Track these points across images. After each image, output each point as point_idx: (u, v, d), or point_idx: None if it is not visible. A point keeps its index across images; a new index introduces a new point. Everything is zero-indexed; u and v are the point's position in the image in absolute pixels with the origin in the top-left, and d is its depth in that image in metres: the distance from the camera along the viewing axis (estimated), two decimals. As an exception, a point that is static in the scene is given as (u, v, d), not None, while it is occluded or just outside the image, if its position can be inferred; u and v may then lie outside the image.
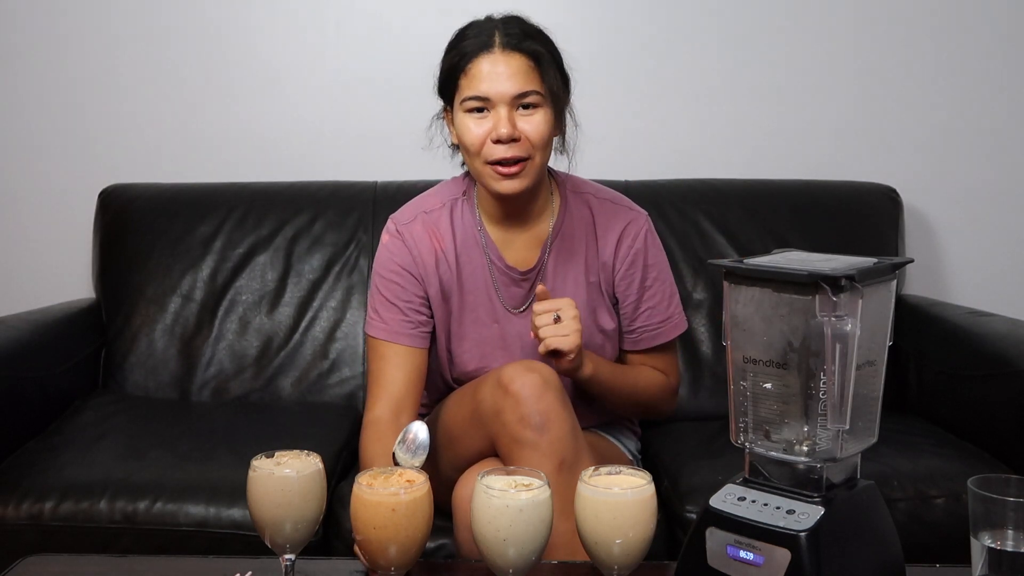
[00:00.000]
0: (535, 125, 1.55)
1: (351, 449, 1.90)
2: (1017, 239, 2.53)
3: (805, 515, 1.07)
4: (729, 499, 1.13)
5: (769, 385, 1.11)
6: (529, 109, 1.55)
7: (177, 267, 2.30)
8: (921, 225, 2.52)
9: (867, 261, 1.10)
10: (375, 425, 1.57)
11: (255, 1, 2.50)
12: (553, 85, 1.57)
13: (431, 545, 1.63)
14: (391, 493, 1.10)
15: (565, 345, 1.53)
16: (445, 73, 1.60)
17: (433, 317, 1.69)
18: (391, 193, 2.31)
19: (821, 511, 1.07)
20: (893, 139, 2.51)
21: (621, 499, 1.10)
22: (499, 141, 1.54)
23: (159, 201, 2.37)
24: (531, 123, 1.55)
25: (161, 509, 1.69)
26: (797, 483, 1.11)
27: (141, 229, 2.33)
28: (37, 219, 2.56)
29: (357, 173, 2.43)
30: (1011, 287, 2.52)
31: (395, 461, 1.27)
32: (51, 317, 2.20)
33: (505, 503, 1.08)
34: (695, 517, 1.18)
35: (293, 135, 2.53)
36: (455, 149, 1.67)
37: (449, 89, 1.60)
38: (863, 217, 2.34)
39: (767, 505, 1.10)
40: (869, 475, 1.16)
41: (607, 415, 1.79)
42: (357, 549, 1.24)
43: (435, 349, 1.72)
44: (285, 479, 1.13)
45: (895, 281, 1.14)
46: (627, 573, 1.13)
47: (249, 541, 1.58)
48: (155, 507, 1.69)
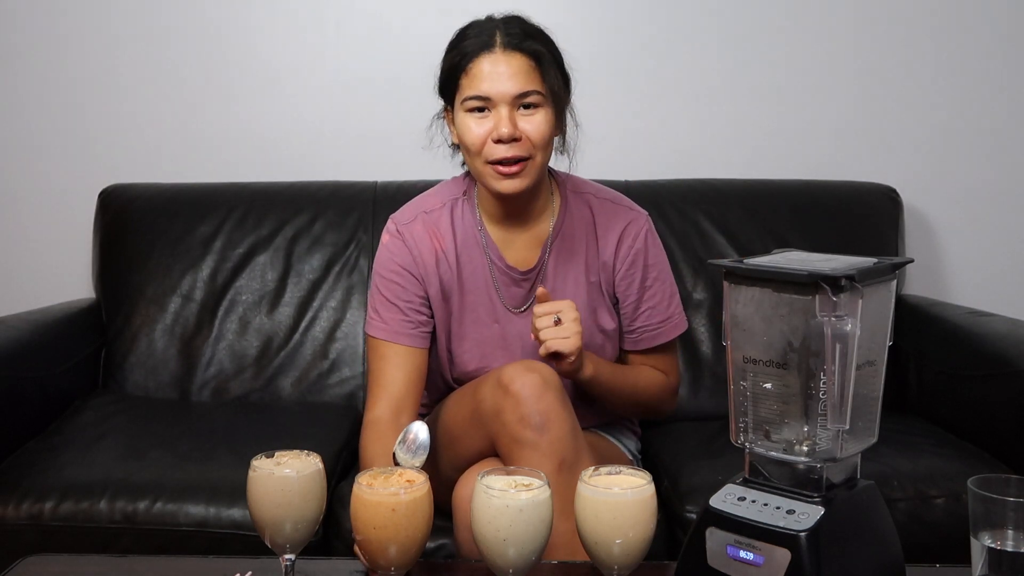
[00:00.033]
0: (536, 125, 1.55)
1: (351, 449, 1.90)
2: (1017, 239, 2.53)
3: (805, 515, 1.07)
4: (729, 499, 1.13)
5: (769, 385, 1.11)
6: (530, 109, 1.55)
7: (177, 267, 2.30)
8: (921, 225, 2.52)
9: (867, 261, 1.10)
10: (375, 425, 1.57)
11: (255, 1, 2.50)
12: (554, 85, 1.57)
13: (431, 545, 1.63)
14: (391, 493, 1.10)
15: (566, 347, 1.53)
16: (446, 73, 1.60)
17: (433, 317, 1.69)
18: (391, 193, 2.31)
19: (821, 511, 1.07)
20: (893, 139, 2.51)
21: (621, 499, 1.10)
22: (500, 141, 1.54)
23: (159, 201, 2.37)
24: (532, 123, 1.55)
25: (161, 509, 1.69)
26: (797, 483, 1.11)
27: (141, 229, 2.33)
28: (37, 219, 2.56)
29: (357, 173, 2.43)
30: (1011, 287, 2.52)
31: (395, 461, 1.27)
32: (51, 317, 2.20)
33: (505, 503, 1.08)
34: (695, 517, 1.18)
35: (293, 135, 2.53)
36: (455, 149, 1.67)
37: (450, 89, 1.60)
38: (863, 217, 2.34)
39: (767, 505, 1.10)
40: (869, 475, 1.16)
41: (607, 415, 1.79)
42: (357, 549, 1.24)
43: (435, 349, 1.72)
44: (285, 479, 1.13)
45: (895, 281, 1.14)
46: (627, 573, 1.13)
47: (249, 541, 1.58)
48: (155, 507, 1.69)
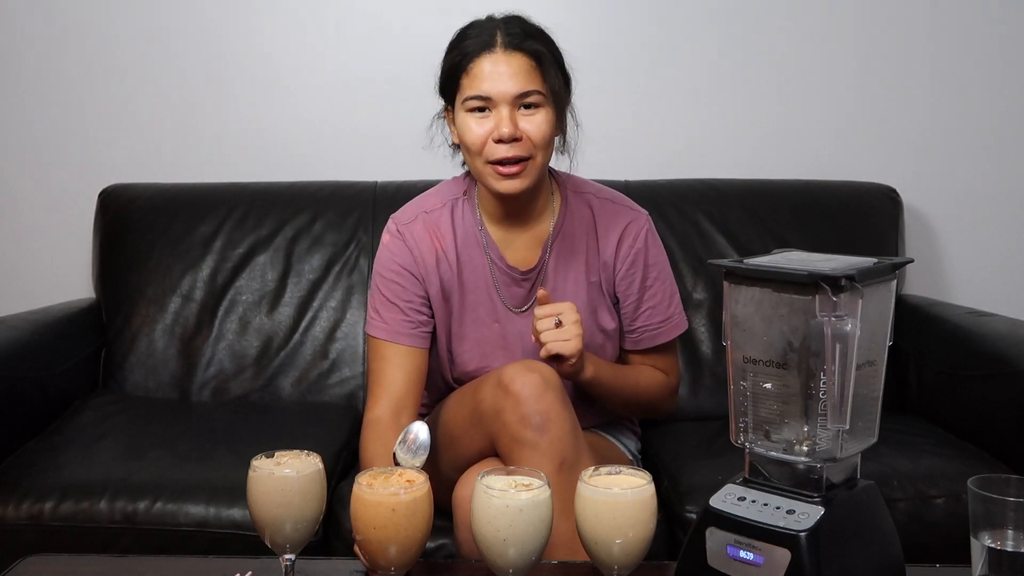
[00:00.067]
0: (536, 125, 1.55)
1: (351, 449, 1.90)
2: (1017, 239, 2.53)
3: (805, 515, 1.07)
4: (729, 499, 1.13)
5: (769, 385, 1.11)
6: (530, 109, 1.55)
7: (177, 267, 2.30)
8: (921, 225, 2.52)
9: (867, 261, 1.10)
10: (375, 425, 1.57)
11: (255, 1, 2.50)
12: (554, 85, 1.57)
13: (431, 545, 1.63)
14: (391, 493, 1.10)
15: (567, 350, 1.53)
16: (446, 72, 1.60)
17: (434, 317, 1.69)
18: (391, 193, 2.31)
19: (821, 511, 1.07)
20: (893, 139, 2.51)
21: (621, 499, 1.09)
22: (501, 141, 1.54)
23: (159, 201, 2.37)
24: (532, 123, 1.55)
25: (161, 509, 1.69)
26: (797, 483, 1.11)
27: (141, 229, 2.33)
28: (37, 219, 2.56)
29: (357, 173, 2.43)
30: (1011, 287, 2.51)
31: (395, 461, 1.27)
32: (51, 317, 2.20)
33: (505, 503, 1.08)
34: (695, 517, 1.18)
35: (293, 135, 2.53)
36: (456, 149, 1.67)
37: (450, 88, 1.60)
38: (863, 217, 2.34)
39: (767, 505, 1.10)
40: (869, 475, 1.16)
41: (607, 415, 1.79)
42: (357, 549, 1.24)
43: (435, 349, 1.72)
44: (285, 479, 1.13)
45: (895, 281, 1.14)
46: (627, 573, 1.13)
47: (249, 541, 1.58)
48: (155, 507, 1.69)
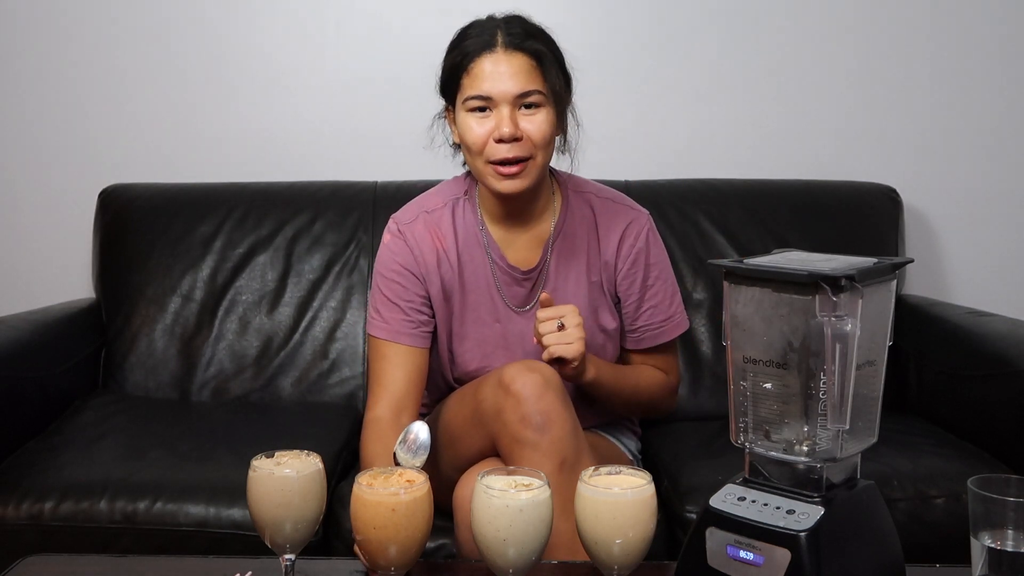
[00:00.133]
0: (537, 125, 1.55)
1: (351, 449, 1.90)
2: (1017, 239, 2.53)
3: (805, 515, 1.07)
4: (729, 499, 1.13)
5: (769, 385, 1.11)
6: (531, 109, 1.55)
7: (177, 267, 2.30)
8: (921, 225, 2.52)
9: (867, 261, 1.10)
10: (376, 425, 1.57)
11: (255, 1, 2.50)
12: (555, 85, 1.57)
13: (431, 545, 1.63)
14: (391, 493, 1.10)
15: (569, 353, 1.53)
16: (447, 72, 1.60)
17: (434, 317, 1.69)
18: (391, 193, 2.31)
19: (821, 511, 1.07)
20: (893, 139, 2.51)
21: (621, 499, 1.09)
22: (501, 140, 1.54)
23: (159, 201, 2.37)
24: (533, 123, 1.55)
25: (161, 509, 1.69)
26: (797, 483, 1.11)
27: (141, 229, 2.33)
28: (37, 219, 2.56)
29: (357, 173, 2.43)
30: (1011, 287, 2.51)
31: (396, 461, 1.27)
32: (51, 317, 2.20)
33: (505, 503, 1.08)
34: (695, 517, 1.18)
35: (293, 135, 2.53)
36: (456, 148, 1.67)
37: (451, 88, 1.60)
38: (863, 217, 2.34)
39: (767, 505, 1.10)
40: (869, 475, 1.16)
41: (607, 415, 1.79)
42: (357, 549, 1.24)
43: (436, 349, 1.72)
44: (285, 479, 1.13)
45: (895, 281, 1.14)
46: (627, 573, 1.13)
47: (249, 541, 1.58)
48: (155, 507, 1.69)
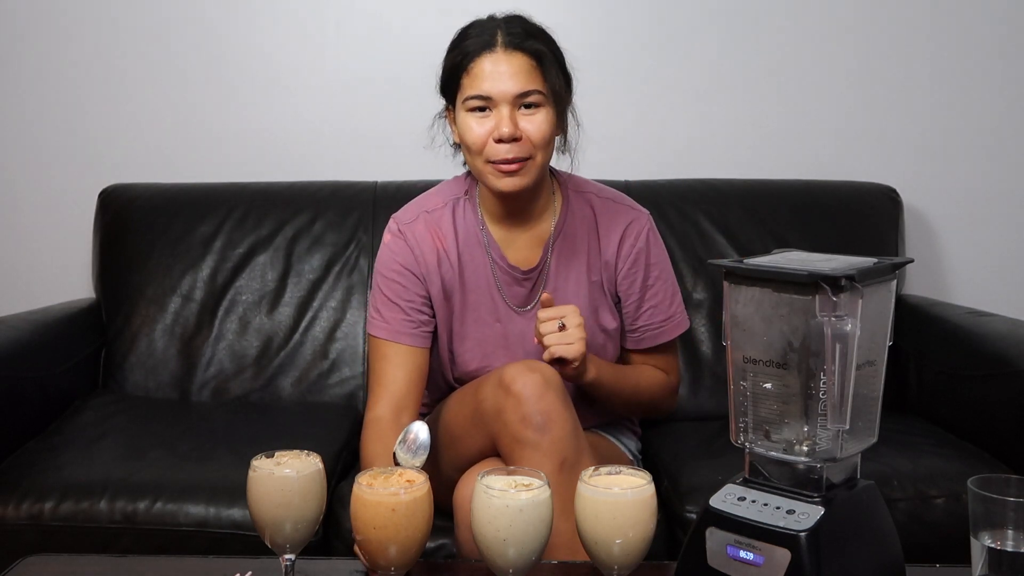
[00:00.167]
0: (537, 125, 1.55)
1: (351, 449, 1.90)
2: (1017, 239, 2.53)
3: (805, 515, 1.07)
4: (729, 499, 1.13)
5: (769, 385, 1.11)
6: (531, 108, 1.55)
7: (177, 267, 2.30)
8: (921, 225, 2.52)
9: (867, 261, 1.10)
10: (376, 424, 1.57)
11: (255, 1, 2.50)
12: (555, 84, 1.57)
13: (431, 545, 1.63)
14: (391, 493, 1.10)
15: (570, 353, 1.53)
16: (447, 72, 1.60)
17: (435, 316, 1.69)
18: (391, 193, 2.31)
19: (821, 511, 1.07)
20: (893, 139, 2.51)
21: (621, 499, 1.09)
22: (501, 140, 1.54)
23: (159, 201, 2.37)
24: (533, 123, 1.55)
25: (161, 509, 1.69)
26: (797, 483, 1.11)
27: (141, 229, 2.33)
28: (37, 219, 2.55)
29: (357, 173, 2.43)
30: (1011, 287, 2.51)
31: (396, 461, 1.27)
32: (51, 317, 2.20)
33: (505, 503, 1.08)
34: (695, 517, 1.18)
35: (293, 135, 2.53)
36: (456, 148, 1.67)
37: (451, 88, 1.60)
38: (863, 217, 2.34)
39: (767, 505, 1.10)
40: (869, 475, 1.16)
41: (608, 415, 1.79)
42: (357, 549, 1.24)
43: (436, 348, 1.72)
44: (285, 479, 1.13)
45: (895, 281, 1.14)
46: (627, 573, 1.13)
47: (249, 541, 1.58)
48: (155, 507, 1.69)
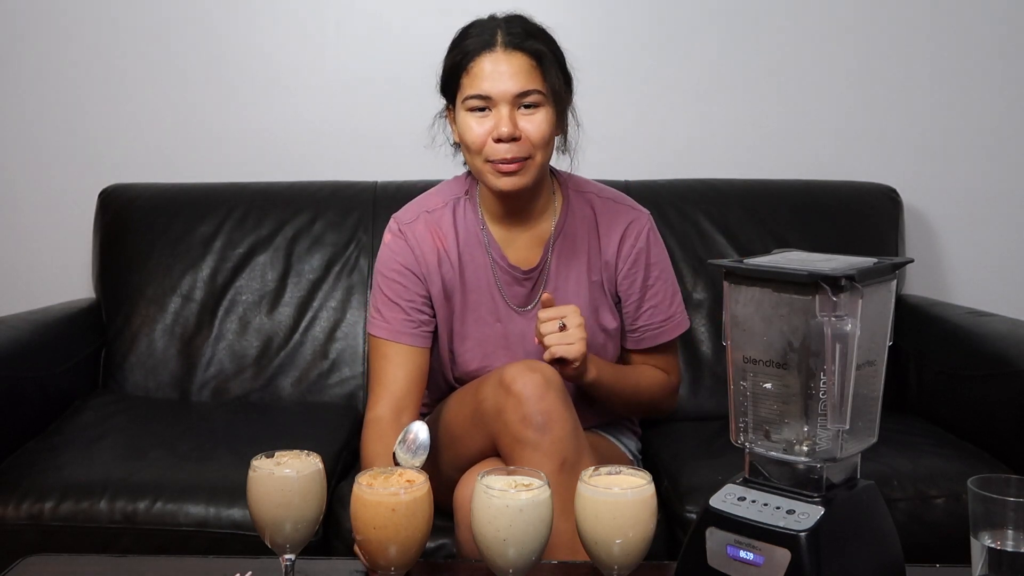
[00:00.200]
0: (536, 124, 1.55)
1: (351, 449, 1.90)
2: (1017, 239, 2.53)
3: (805, 515, 1.07)
4: (729, 499, 1.13)
5: (769, 385, 1.11)
6: (531, 108, 1.55)
7: (177, 267, 2.30)
8: (921, 225, 2.52)
9: (867, 261, 1.10)
10: (376, 424, 1.57)
11: (255, 1, 2.50)
12: (555, 84, 1.57)
13: (431, 545, 1.64)
14: (391, 493, 1.10)
15: (571, 354, 1.53)
16: (447, 71, 1.60)
17: (435, 316, 1.69)
18: (391, 193, 2.31)
19: (821, 511, 1.07)
20: (893, 139, 2.51)
21: (621, 499, 1.09)
22: (500, 140, 1.54)
23: (159, 201, 2.37)
24: (532, 122, 1.55)
25: (161, 509, 1.69)
26: (797, 483, 1.11)
27: (141, 229, 2.33)
28: (37, 219, 2.55)
29: (357, 173, 2.43)
30: (1011, 287, 2.51)
31: (396, 461, 1.27)
32: (51, 317, 2.20)
33: (505, 503, 1.08)
34: (695, 517, 1.18)
35: (293, 135, 2.53)
36: (457, 148, 1.67)
37: (451, 88, 1.60)
38: (863, 217, 2.34)
39: (767, 505, 1.10)
40: (869, 475, 1.16)
41: (608, 415, 1.79)
42: (357, 549, 1.24)
43: (437, 348, 1.72)
44: (285, 479, 1.13)
45: (895, 281, 1.14)
46: (627, 573, 1.13)
47: (249, 541, 1.58)
48: (155, 507, 1.69)
